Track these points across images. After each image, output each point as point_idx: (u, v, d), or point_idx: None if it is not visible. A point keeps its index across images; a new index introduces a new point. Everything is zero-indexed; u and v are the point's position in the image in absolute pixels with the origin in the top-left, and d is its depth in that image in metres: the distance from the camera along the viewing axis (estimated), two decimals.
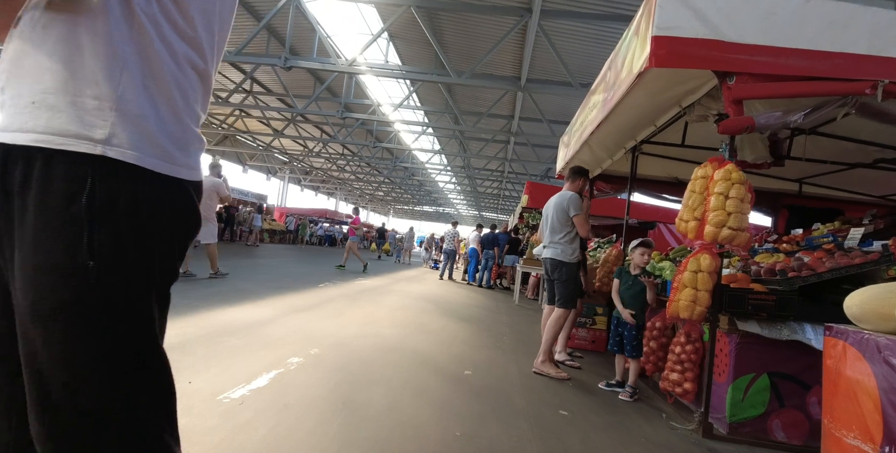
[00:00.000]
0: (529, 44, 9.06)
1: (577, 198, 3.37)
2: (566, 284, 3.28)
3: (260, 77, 15.13)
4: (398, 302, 5.92)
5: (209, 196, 5.90)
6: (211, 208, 6.12)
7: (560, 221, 3.36)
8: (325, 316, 4.25)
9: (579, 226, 3.33)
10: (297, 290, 5.71)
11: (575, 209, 3.32)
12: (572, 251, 3.32)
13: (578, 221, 3.32)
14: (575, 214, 3.31)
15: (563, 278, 3.29)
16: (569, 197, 3.38)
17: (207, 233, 5.96)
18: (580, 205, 3.37)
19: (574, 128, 4.71)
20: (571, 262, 3.30)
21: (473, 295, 8.17)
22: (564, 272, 3.29)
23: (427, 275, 11.81)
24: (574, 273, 3.30)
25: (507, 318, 5.67)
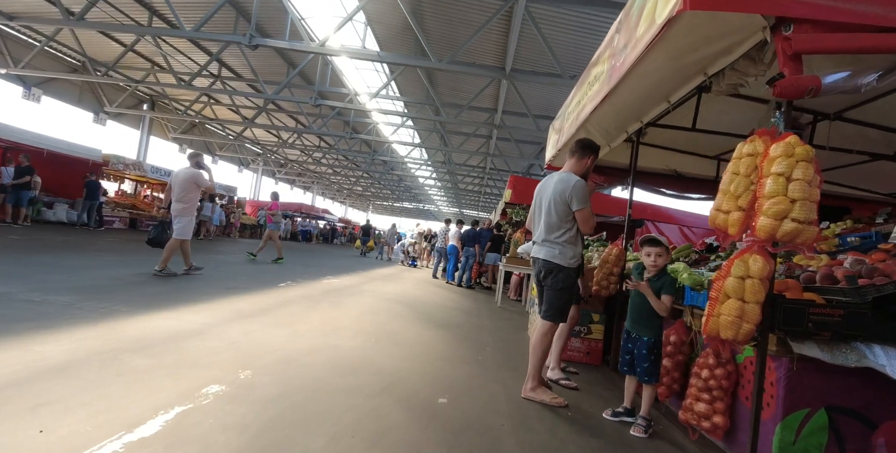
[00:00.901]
0: (515, 30, 8.50)
1: (583, 187, 2.71)
2: (559, 293, 2.68)
3: (229, 61, 14.18)
4: (368, 304, 5.28)
5: (185, 188, 5.37)
6: (189, 201, 5.46)
7: (560, 214, 2.72)
8: (275, 323, 3.59)
9: (582, 223, 2.70)
10: (251, 291, 5.01)
11: (580, 201, 2.66)
12: (573, 254, 2.72)
13: (582, 216, 2.68)
14: (580, 208, 2.66)
15: (557, 285, 2.68)
16: (573, 184, 2.70)
17: (181, 229, 5.39)
18: (587, 194, 2.71)
19: (569, 110, 4.16)
20: (570, 267, 2.70)
21: (452, 295, 7.59)
22: (560, 278, 2.68)
23: (404, 273, 11.18)
24: (571, 280, 2.72)
25: (490, 323, 5.11)
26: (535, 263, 2.85)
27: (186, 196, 5.43)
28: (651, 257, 2.40)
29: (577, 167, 2.91)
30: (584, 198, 2.68)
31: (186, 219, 5.50)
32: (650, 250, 2.41)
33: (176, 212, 5.46)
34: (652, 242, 2.43)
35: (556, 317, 2.66)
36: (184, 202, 5.42)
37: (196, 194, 5.54)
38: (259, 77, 12.78)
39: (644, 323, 2.39)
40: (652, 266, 2.41)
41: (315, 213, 28.42)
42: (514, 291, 8.33)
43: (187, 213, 5.48)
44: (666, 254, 2.39)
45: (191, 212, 5.55)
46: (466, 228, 10.41)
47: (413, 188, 33.97)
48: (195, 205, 5.63)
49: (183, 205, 5.42)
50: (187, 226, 5.52)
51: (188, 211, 5.51)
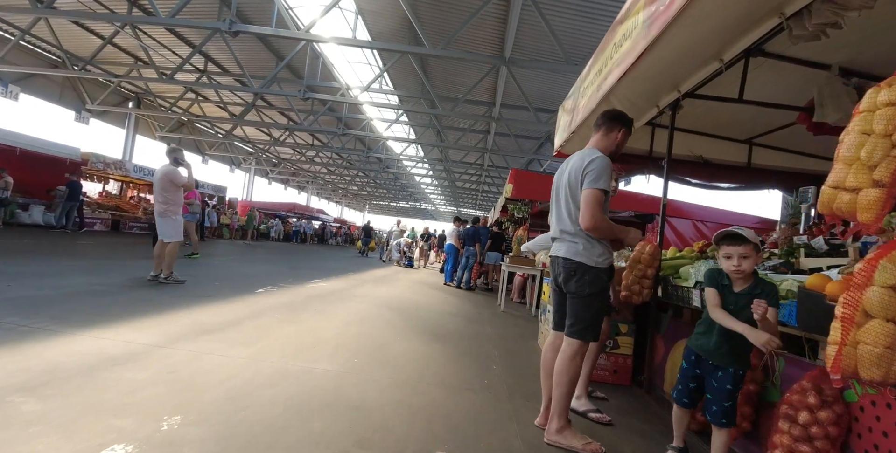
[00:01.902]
0: (514, 17, 7.91)
1: (604, 163, 2.09)
2: (588, 301, 2.08)
3: (215, 55, 13.53)
4: (356, 312, 4.68)
5: (162, 187, 4.98)
6: (170, 201, 5.02)
7: (577, 200, 2.13)
8: (238, 340, 2.98)
9: (584, 207, 2.04)
10: (221, 299, 4.39)
11: (592, 179, 2.04)
12: (601, 250, 2.12)
13: (586, 199, 2.03)
14: (588, 187, 2.04)
15: (582, 291, 2.08)
16: (591, 159, 2.09)
17: (167, 230, 5.00)
18: (607, 174, 2.08)
19: (585, 85, 3.56)
20: (598, 267, 2.10)
21: (451, 299, 6.99)
22: (587, 281, 2.07)
23: (400, 275, 10.57)
24: (602, 283, 2.12)
25: (493, 331, 4.51)
26: (554, 264, 2.25)
27: (166, 195, 4.99)
28: (733, 260, 1.69)
29: (605, 142, 2.30)
30: (598, 177, 2.05)
31: (170, 220, 5.03)
32: (731, 250, 1.70)
33: (157, 213, 5.04)
34: (733, 238, 1.70)
35: (586, 334, 2.06)
36: (164, 203, 4.99)
37: (177, 193, 5.09)
38: (246, 71, 12.12)
39: (731, 348, 1.72)
40: (736, 272, 1.69)
41: (308, 213, 27.78)
42: (518, 293, 7.73)
43: (169, 214, 5.03)
44: (755, 255, 1.69)
45: (174, 212, 5.07)
46: (466, 227, 9.81)
47: (409, 186, 33.35)
48: (178, 204, 5.13)
49: (164, 205, 5.00)
50: (175, 227, 5.04)
51: (171, 211, 5.04)
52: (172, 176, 5.01)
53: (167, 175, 4.99)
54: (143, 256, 7.22)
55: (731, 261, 1.71)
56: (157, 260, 4.99)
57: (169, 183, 4.99)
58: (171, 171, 5.03)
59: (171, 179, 5.00)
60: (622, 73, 2.51)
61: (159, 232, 5.10)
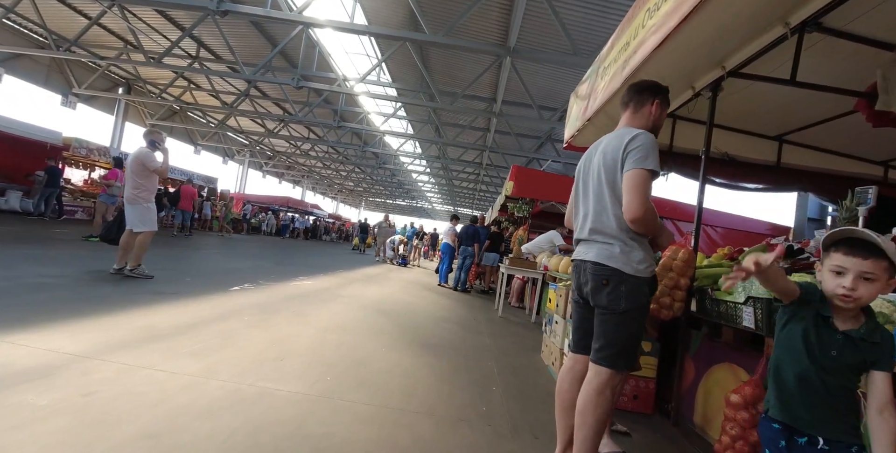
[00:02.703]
0: (521, 6, 7.46)
1: (651, 139, 1.63)
2: (622, 321, 1.61)
3: (208, 41, 13.01)
4: (339, 315, 4.20)
5: (133, 170, 4.61)
6: (141, 187, 4.64)
7: (616, 190, 1.67)
8: (188, 350, 2.50)
9: (629, 193, 1.58)
10: (187, 298, 3.91)
11: (637, 158, 1.59)
12: (642, 255, 1.65)
13: (632, 183, 1.58)
14: (633, 167, 1.58)
15: (616, 306, 1.61)
16: (634, 135, 1.65)
17: (136, 218, 4.61)
18: (654, 152, 1.61)
19: (606, 62, 3.11)
20: (638, 276, 1.63)
21: (445, 301, 6.53)
22: (622, 294, 1.61)
23: (392, 274, 10.10)
24: (642, 299, 1.64)
25: (492, 341, 4.05)
26: (579, 271, 1.78)
27: (136, 180, 4.61)
28: (846, 278, 1.09)
29: (639, 121, 1.85)
30: (646, 156, 1.59)
31: (141, 208, 4.62)
32: (849, 263, 1.09)
33: (126, 199, 4.62)
34: (856, 246, 1.09)
35: (618, 361, 1.60)
36: (135, 188, 4.61)
37: (150, 178, 4.69)
38: (239, 58, 11.58)
39: (843, 414, 1.11)
40: (845, 298, 1.09)
41: (302, 208, 27.23)
42: (516, 297, 7.28)
43: (139, 201, 4.62)
44: (885, 280, 1.07)
45: (145, 198, 4.66)
46: (465, 225, 9.35)
47: (406, 183, 32.85)
48: (150, 190, 4.72)
49: (134, 191, 4.60)
50: (145, 214, 4.63)
51: (140, 198, 4.62)
52: (145, 159, 4.63)
53: (139, 157, 4.62)
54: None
55: (841, 280, 1.10)
56: (122, 251, 4.55)
57: (141, 166, 4.61)
58: (145, 154, 4.65)
59: (144, 163, 4.61)
60: (659, 41, 2.06)
61: (127, 220, 4.67)
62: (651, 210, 1.59)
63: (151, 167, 4.63)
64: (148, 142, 4.72)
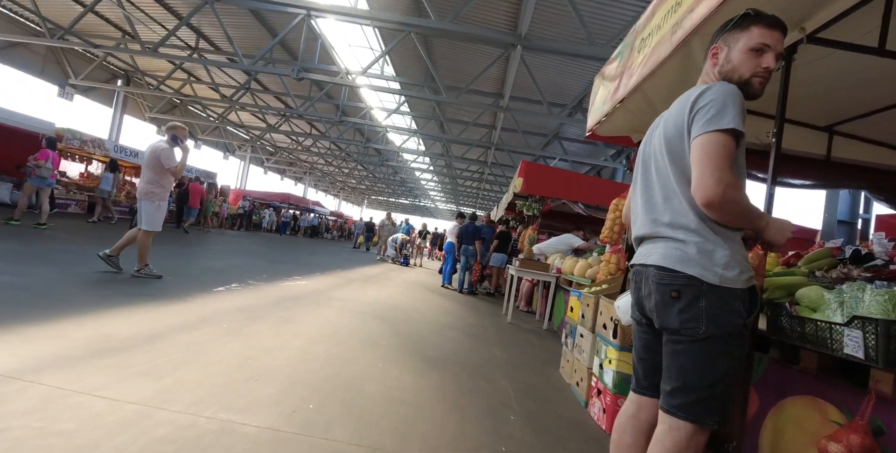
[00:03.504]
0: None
1: (729, 90, 1.17)
2: (707, 353, 1.16)
3: (207, 31, 12.63)
4: (331, 322, 3.77)
5: (148, 165, 4.33)
6: (154, 182, 4.34)
7: (685, 167, 1.22)
8: (143, 368, 2.07)
9: (703, 164, 1.13)
10: (162, 300, 3.48)
11: (711, 117, 1.14)
12: (729, 255, 1.18)
13: (708, 147, 1.13)
14: (706, 131, 1.14)
15: (694, 330, 1.15)
16: (703, 90, 1.21)
17: (143, 215, 4.32)
18: (740, 106, 1.16)
19: (646, 32, 2.65)
20: (726, 287, 1.16)
21: (449, 305, 6.09)
22: (701, 312, 1.14)
23: (393, 274, 9.66)
24: (734, 319, 1.15)
25: (503, 353, 3.61)
26: (638, 279, 1.33)
27: (150, 175, 4.33)
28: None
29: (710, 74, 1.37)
30: (721, 112, 1.14)
31: (151, 205, 4.32)
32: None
33: (139, 194, 4.35)
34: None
35: (704, 414, 1.12)
36: (149, 183, 4.33)
37: (165, 175, 4.37)
38: (238, 49, 11.15)
39: None
40: None
41: (303, 205, 26.84)
42: (525, 301, 6.83)
43: (152, 197, 4.33)
44: None
45: (158, 196, 4.36)
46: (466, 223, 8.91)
47: (409, 181, 32.42)
48: (164, 187, 4.39)
49: (148, 186, 4.33)
50: (152, 213, 4.32)
51: (154, 195, 4.33)
52: (162, 155, 4.28)
53: (157, 152, 4.29)
54: (107, 243, 6.32)
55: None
56: (124, 241, 4.27)
57: (156, 161, 4.28)
58: (163, 150, 4.31)
59: (160, 158, 4.27)
60: None
61: (138, 216, 4.39)
62: (733, 188, 1.11)
63: (167, 165, 4.28)
64: (170, 137, 4.38)
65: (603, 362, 2.34)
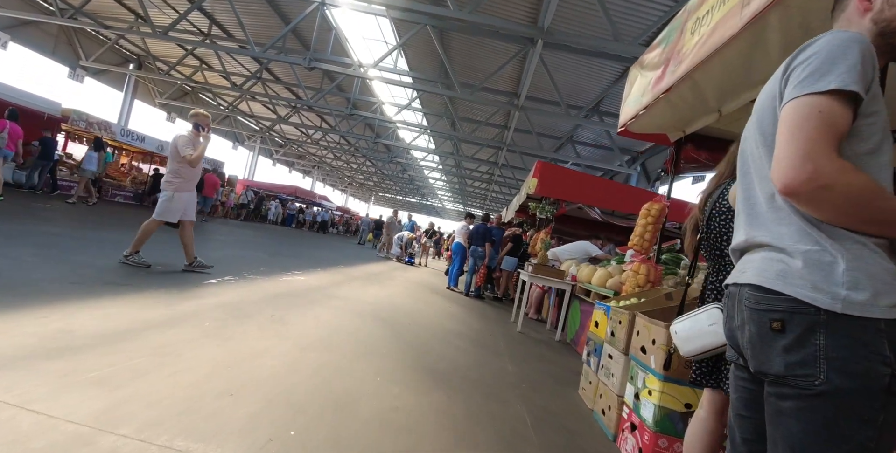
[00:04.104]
0: None
1: (841, 40, 0.81)
2: (828, 416, 0.76)
3: (221, 18, 12.39)
4: (327, 324, 3.44)
5: (171, 154, 4.20)
6: (175, 172, 4.18)
7: None
8: (99, 375, 1.74)
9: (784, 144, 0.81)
10: (144, 292, 3.16)
11: (810, 73, 0.80)
12: (857, 267, 0.79)
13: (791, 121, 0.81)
14: (803, 91, 0.80)
15: (809, 380, 0.77)
16: (807, 44, 0.85)
17: (158, 205, 4.17)
18: (854, 59, 0.79)
19: (699, 14, 2.31)
20: (855, 317, 0.77)
21: (456, 310, 5.74)
22: (821, 353, 0.77)
23: (397, 273, 9.34)
24: (872, 368, 0.76)
25: (515, 368, 3.26)
26: (731, 305, 0.98)
27: (171, 164, 4.21)
28: None
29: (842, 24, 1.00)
30: (820, 69, 0.80)
31: (164, 195, 4.16)
32: None
33: (162, 184, 4.23)
34: None
35: None
36: (168, 172, 4.22)
37: (185, 165, 4.19)
38: (250, 37, 10.87)
39: None
40: None
41: (309, 199, 26.62)
42: (534, 308, 6.47)
43: (168, 187, 4.18)
44: None
45: (175, 186, 4.17)
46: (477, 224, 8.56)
47: (417, 179, 32.12)
48: (185, 178, 4.22)
49: (168, 176, 4.21)
50: (165, 203, 4.15)
51: (170, 184, 4.17)
52: (179, 141, 4.16)
53: (175, 140, 4.18)
54: (104, 229, 6.04)
55: None
56: (185, 247, 4.28)
57: (175, 151, 4.15)
58: (180, 137, 4.20)
59: (177, 145, 4.15)
60: None
61: (158, 210, 4.19)
62: (835, 170, 0.77)
63: (181, 153, 4.10)
64: (193, 126, 4.27)
65: (640, 392, 1.99)
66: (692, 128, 3.10)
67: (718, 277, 1.46)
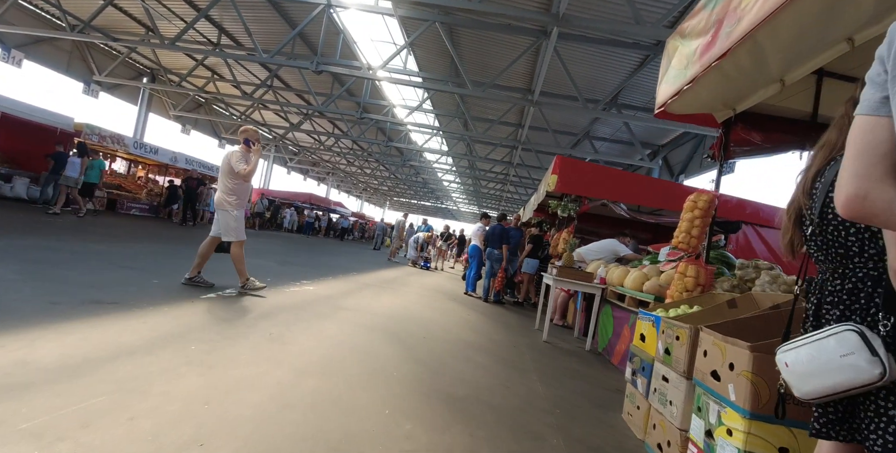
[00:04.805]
0: None
1: None
2: None
3: (229, 27, 12.32)
4: (333, 340, 3.08)
5: (223, 171, 4.17)
6: (227, 190, 4.12)
7: None
8: (38, 424, 1.41)
9: None
10: (129, 311, 2.86)
11: None
12: None
13: None
14: None
15: None
16: None
17: (222, 226, 4.12)
18: None
19: None
20: None
21: (475, 318, 5.35)
22: None
23: (412, 278, 8.99)
24: None
25: (545, 389, 2.84)
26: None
27: (224, 182, 4.15)
28: None
29: None
30: None
31: (226, 215, 4.10)
32: None
33: (216, 205, 4.20)
34: None
35: None
36: (222, 191, 4.14)
37: (238, 181, 4.13)
38: (258, 44, 10.71)
39: None
40: None
41: (324, 205, 26.56)
42: (559, 313, 6.03)
43: (225, 206, 4.11)
44: None
45: (232, 205, 4.12)
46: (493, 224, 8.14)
47: (431, 182, 31.82)
48: (240, 196, 4.17)
49: (221, 194, 4.13)
50: (230, 223, 4.11)
51: (227, 204, 4.11)
52: (233, 158, 4.12)
53: (228, 157, 4.15)
54: (104, 241, 5.84)
55: None
56: (199, 259, 4.09)
57: (229, 168, 4.11)
58: (234, 156, 4.14)
59: (231, 161, 4.10)
60: None
61: (214, 227, 4.17)
62: None
63: (236, 168, 4.06)
64: (243, 141, 4.23)
65: (714, 430, 1.56)
66: (745, 104, 2.66)
67: (843, 286, 1.04)
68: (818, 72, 2.76)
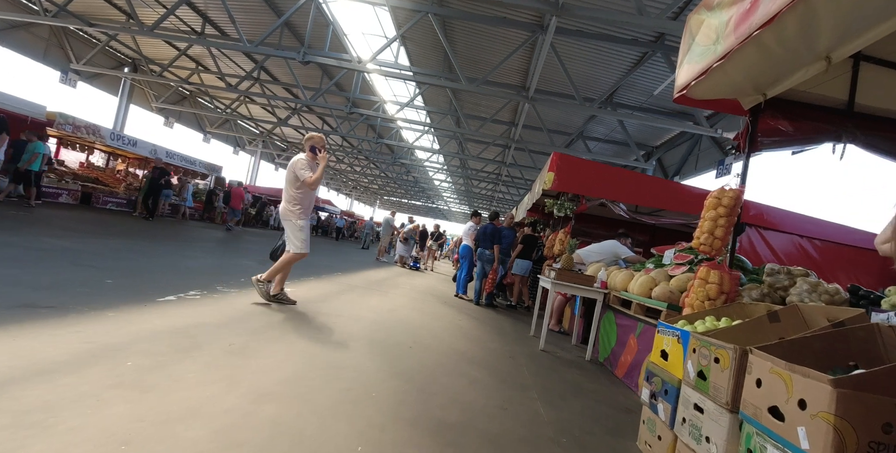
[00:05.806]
0: None
1: None
2: None
3: (214, 16, 11.81)
4: (304, 353, 2.70)
5: (289, 180, 3.97)
6: (293, 200, 3.93)
7: None
8: None
9: None
10: (67, 317, 2.44)
11: None
12: None
13: None
14: None
15: None
16: None
17: (290, 238, 3.97)
18: None
19: None
20: None
21: (467, 323, 4.98)
22: None
23: (400, 279, 8.60)
24: None
25: (549, 411, 2.49)
26: None
27: (289, 191, 3.96)
28: None
29: None
30: None
31: (291, 225, 3.94)
32: None
33: (281, 215, 4.03)
34: None
35: None
36: (287, 200, 3.97)
37: (306, 191, 3.97)
38: (243, 34, 10.22)
39: None
40: None
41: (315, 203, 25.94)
42: (556, 318, 5.69)
43: (291, 216, 3.94)
44: None
45: (298, 214, 3.95)
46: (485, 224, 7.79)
47: (422, 181, 31.42)
48: (304, 205, 3.98)
49: (285, 204, 3.97)
50: (295, 233, 3.95)
51: (292, 213, 3.93)
52: (297, 165, 3.91)
53: (293, 165, 3.95)
54: (60, 234, 5.37)
55: None
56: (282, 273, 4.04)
57: (294, 176, 3.91)
58: (300, 163, 3.93)
59: (295, 169, 3.90)
60: None
61: (285, 237, 4.08)
62: None
63: (300, 176, 3.87)
64: (308, 149, 4.04)
65: None
66: (779, 87, 2.33)
67: None
68: (855, 56, 2.47)
